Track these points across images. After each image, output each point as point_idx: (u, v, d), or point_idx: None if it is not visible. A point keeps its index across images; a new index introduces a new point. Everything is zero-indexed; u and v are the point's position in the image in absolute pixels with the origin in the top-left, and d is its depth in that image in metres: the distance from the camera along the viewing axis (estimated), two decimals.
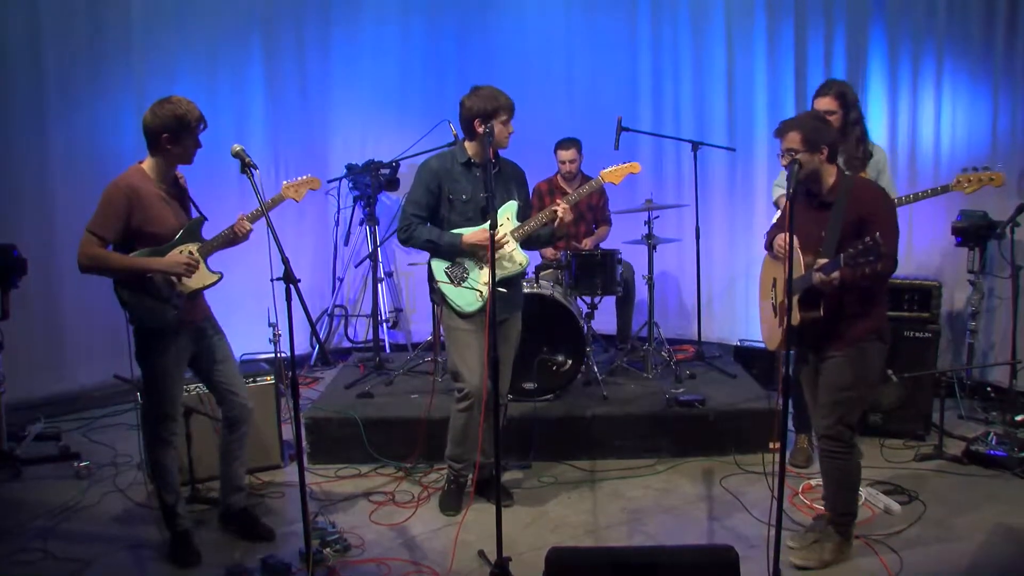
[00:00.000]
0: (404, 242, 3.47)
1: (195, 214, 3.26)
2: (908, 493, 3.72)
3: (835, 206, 2.94)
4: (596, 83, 6.06)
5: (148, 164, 3.10)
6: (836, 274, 2.76)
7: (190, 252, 3.13)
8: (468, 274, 3.46)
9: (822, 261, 2.81)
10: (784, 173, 3.32)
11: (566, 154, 5.25)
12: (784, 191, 4.28)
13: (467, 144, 3.48)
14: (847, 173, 3.16)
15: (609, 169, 3.69)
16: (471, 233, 3.42)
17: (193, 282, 3.14)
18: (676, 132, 5.87)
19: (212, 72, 5.60)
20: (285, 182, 3.45)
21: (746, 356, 5.29)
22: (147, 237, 3.05)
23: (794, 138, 2.92)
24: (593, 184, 3.68)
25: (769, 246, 3.22)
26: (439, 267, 3.49)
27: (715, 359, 5.35)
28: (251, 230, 3.24)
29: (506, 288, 3.49)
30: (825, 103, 3.74)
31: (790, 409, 3.84)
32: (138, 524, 3.59)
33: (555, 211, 3.48)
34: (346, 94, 6.14)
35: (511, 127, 3.41)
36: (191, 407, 3.72)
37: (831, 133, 3.00)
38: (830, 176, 2.99)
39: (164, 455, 3.23)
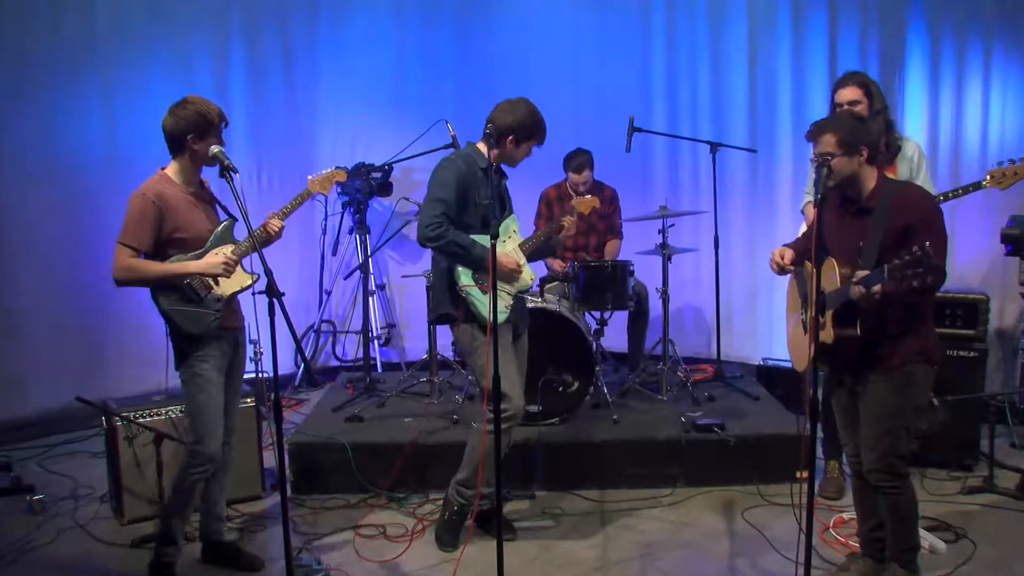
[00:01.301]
0: (430, 240, 3.40)
1: (224, 217, 3.34)
2: (955, 530, 3.65)
3: (876, 213, 2.88)
4: (605, 81, 6.09)
5: (172, 169, 3.19)
6: (878, 288, 2.70)
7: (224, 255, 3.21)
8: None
9: (862, 273, 2.73)
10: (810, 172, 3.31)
11: (579, 177, 5.27)
12: (811, 199, 4.29)
13: (480, 147, 3.54)
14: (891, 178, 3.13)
15: (580, 199, 3.98)
16: (501, 254, 3.47)
17: (230, 285, 3.22)
18: (693, 133, 5.88)
19: (187, 69, 5.62)
20: (310, 177, 3.54)
21: (770, 376, 5.27)
22: (180, 243, 3.14)
23: (829, 141, 2.87)
24: (559, 221, 3.76)
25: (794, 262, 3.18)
26: (466, 274, 3.49)
27: (736, 380, 5.33)
28: (283, 227, 3.34)
29: (516, 304, 3.62)
30: (848, 93, 3.76)
31: (819, 434, 3.80)
32: (99, 565, 3.52)
33: (561, 223, 3.57)
34: (335, 92, 6.16)
35: (530, 152, 3.54)
36: (162, 432, 3.71)
37: (871, 133, 2.95)
38: (870, 180, 2.93)
39: (196, 480, 3.24)
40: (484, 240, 3.43)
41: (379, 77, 6.18)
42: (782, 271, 3.16)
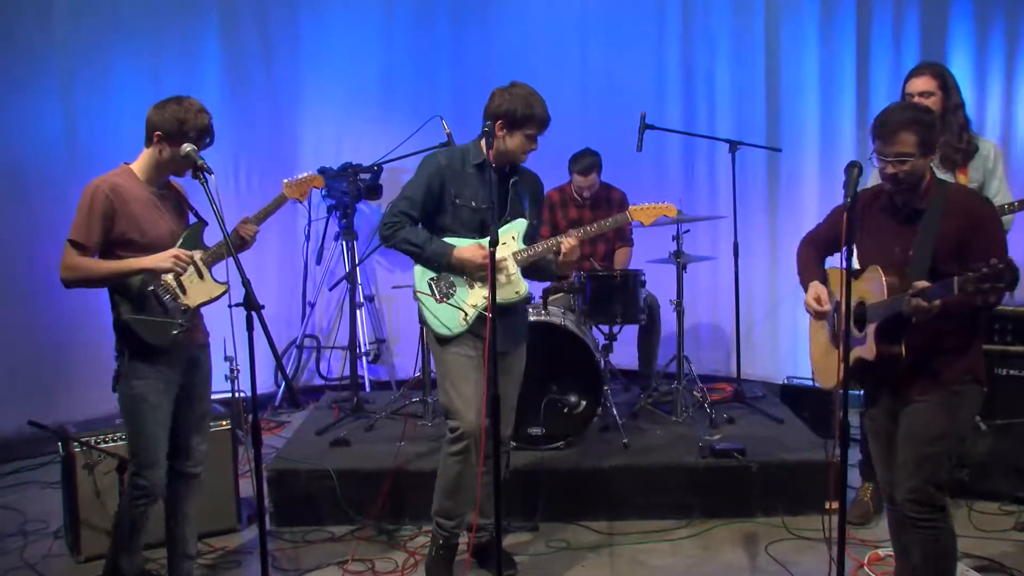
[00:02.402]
0: (384, 239, 3.45)
1: (195, 220, 3.31)
2: (1010, 571, 3.61)
3: (926, 216, 2.80)
4: (615, 74, 6.11)
5: (138, 163, 3.17)
6: (938, 303, 2.62)
7: (192, 259, 3.17)
8: (454, 291, 3.44)
9: (922, 284, 2.65)
10: (873, 174, 3.21)
11: (584, 180, 5.26)
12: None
13: (483, 143, 3.46)
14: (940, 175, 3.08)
15: (640, 207, 3.68)
16: (465, 247, 3.40)
17: (198, 294, 3.19)
18: (710, 130, 5.89)
19: (156, 56, 5.62)
20: (285, 181, 3.51)
21: (795, 396, 5.25)
22: (135, 247, 3.09)
23: (908, 140, 2.74)
24: (618, 219, 3.65)
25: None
26: (422, 276, 3.46)
27: (758, 400, 5.32)
28: (257, 232, 3.33)
29: (500, 317, 3.43)
30: (922, 83, 3.72)
31: (850, 461, 3.78)
32: None
33: (560, 242, 3.46)
34: (318, 86, 6.18)
35: (535, 143, 3.42)
36: (126, 458, 3.67)
37: (939, 127, 2.89)
38: (927, 181, 2.85)
39: (140, 512, 3.20)
40: (456, 243, 3.42)
41: (367, 70, 6.20)
42: (820, 316, 3.07)
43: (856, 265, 2.97)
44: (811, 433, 4.68)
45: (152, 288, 3.10)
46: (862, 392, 3.10)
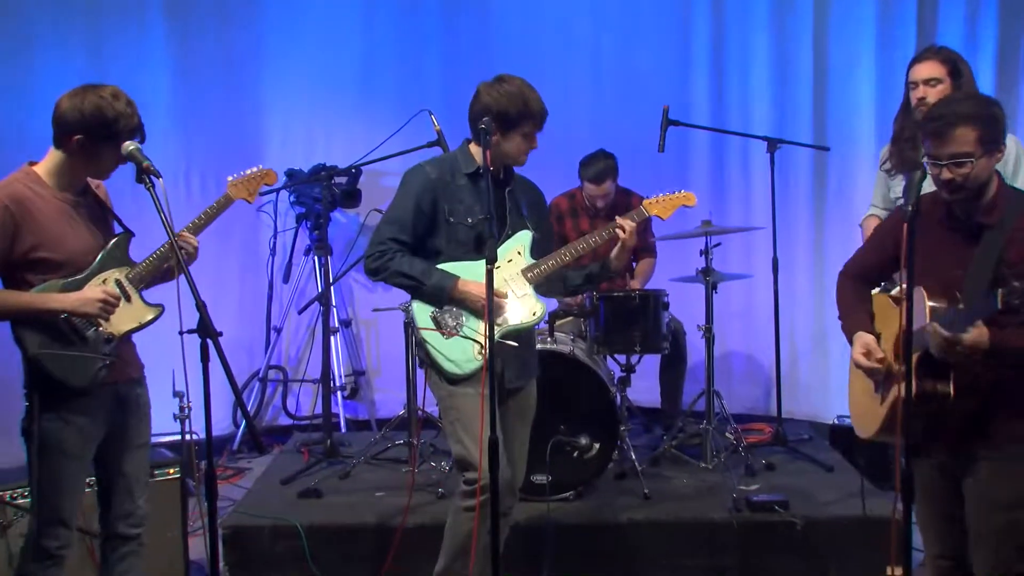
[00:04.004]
0: (373, 273, 3.43)
1: (119, 230, 3.23)
2: None
3: (995, 232, 2.71)
4: (633, 62, 6.14)
5: (46, 165, 3.06)
6: (978, 335, 2.54)
7: (116, 280, 3.10)
8: (463, 321, 3.43)
9: (932, 305, 2.61)
10: (898, 183, 3.21)
11: (597, 189, 5.27)
12: (877, 213, 4.26)
13: (473, 149, 3.46)
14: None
15: (655, 199, 3.68)
16: (472, 282, 3.38)
17: (125, 319, 3.11)
18: (744, 127, 5.90)
19: (95, 41, 5.62)
20: (230, 178, 3.47)
21: (848, 439, 5.20)
22: (48, 266, 3.00)
23: (967, 138, 2.63)
24: (634, 215, 3.64)
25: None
26: (422, 311, 3.45)
27: (802, 443, 5.30)
28: (197, 246, 3.24)
29: (515, 342, 3.45)
30: (928, 69, 3.70)
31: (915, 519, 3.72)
32: None
33: (619, 228, 3.46)
34: (286, 74, 6.19)
35: (535, 142, 3.42)
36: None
37: (1004, 120, 2.76)
38: (991, 186, 2.75)
39: None
40: (458, 268, 3.40)
41: (343, 56, 6.22)
42: (875, 375, 2.99)
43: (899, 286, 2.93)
44: (868, 483, 4.63)
45: (65, 315, 2.98)
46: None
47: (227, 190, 3.46)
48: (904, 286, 2.61)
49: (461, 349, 3.41)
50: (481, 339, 3.39)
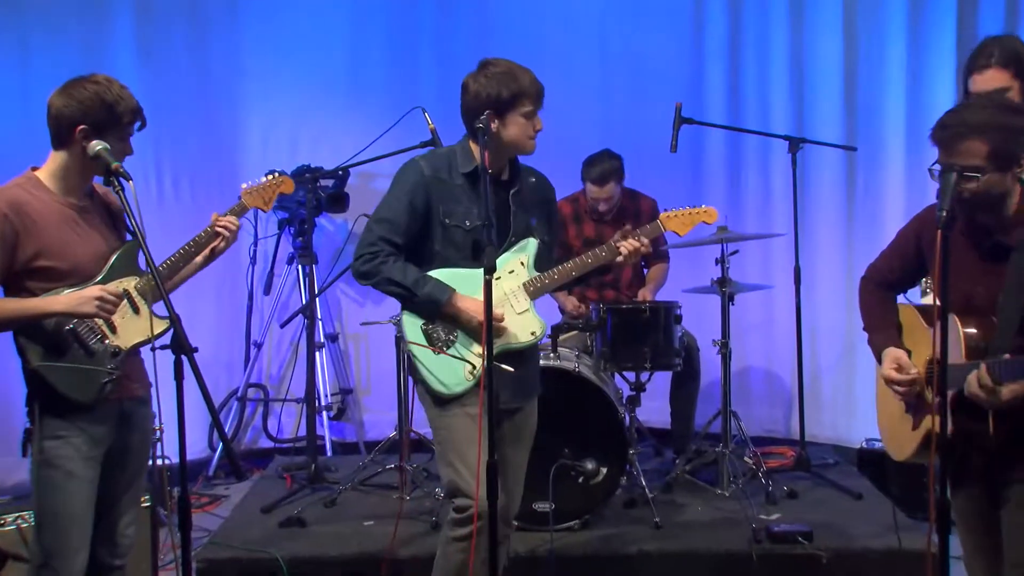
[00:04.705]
0: (362, 276, 3.40)
1: (130, 238, 3.25)
2: None
3: (1017, 258, 2.68)
4: (643, 56, 6.16)
5: (49, 169, 3.11)
6: (1018, 390, 2.53)
7: (124, 291, 3.12)
8: (455, 337, 3.41)
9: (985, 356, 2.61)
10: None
11: (599, 191, 5.27)
12: None
13: (473, 147, 3.44)
14: None
15: (673, 213, 3.64)
16: (468, 298, 3.36)
17: (132, 332, 3.13)
18: (763, 125, 5.90)
19: (51, 30, 5.62)
20: (244, 186, 3.52)
21: (878, 465, 5.21)
22: (53, 275, 3.03)
23: (977, 150, 2.62)
24: (645, 231, 3.63)
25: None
26: (413, 324, 3.44)
27: (828, 469, 5.30)
28: (236, 229, 3.34)
29: (513, 366, 3.41)
30: (990, 79, 3.62)
31: (953, 552, 3.70)
32: None
33: (618, 249, 3.43)
34: (267, 67, 6.20)
35: (539, 122, 3.39)
36: (6, 551, 3.64)
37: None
38: (1014, 201, 2.72)
39: None
40: (454, 277, 3.38)
41: (330, 48, 6.23)
42: (907, 395, 2.98)
43: (926, 300, 2.92)
44: (900, 513, 4.62)
45: (71, 327, 3.03)
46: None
47: (241, 198, 3.51)
48: (936, 302, 2.60)
49: (451, 368, 3.39)
50: (473, 359, 3.37)
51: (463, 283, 3.36)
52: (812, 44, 5.95)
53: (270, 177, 3.56)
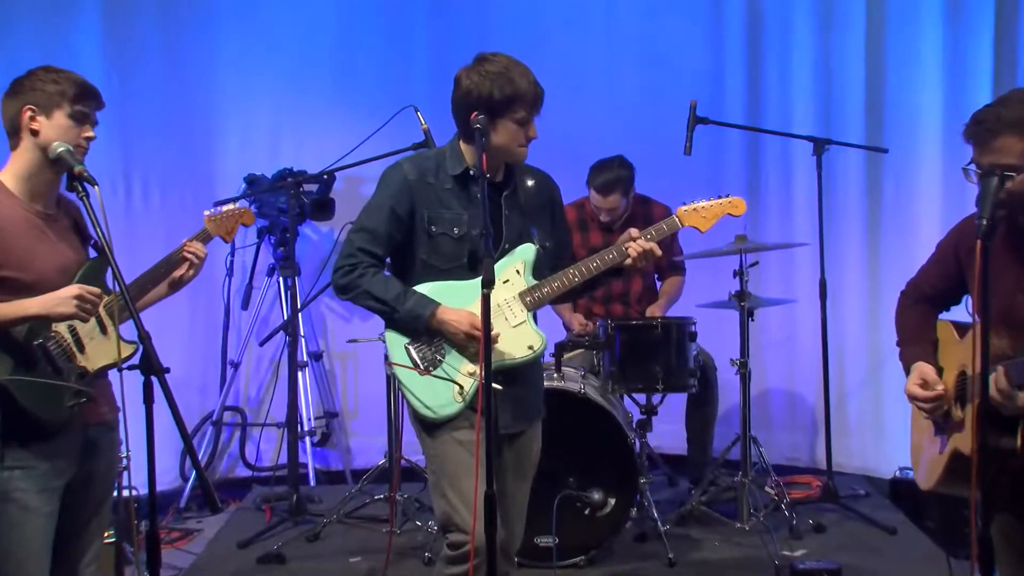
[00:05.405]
0: (341, 291, 3.41)
1: (96, 254, 3.24)
2: None
3: None
4: (654, 50, 6.17)
5: (11, 170, 3.11)
6: None
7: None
8: (443, 356, 3.40)
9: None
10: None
11: (604, 201, 5.28)
12: None
13: (464, 147, 3.45)
14: None
15: (693, 206, 3.61)
16: (452, 311, 3.34)
17: (99, 354, 3.13)
18: (785, 125, 5.91)
19: (14, 30, 5.63)
20: (207, 213, 3.55)
21: (913, 496, 5.20)
22: (14, 286, 3.00)
23: (1011, 147, 2.69)
24: (661, 228, 3.62)
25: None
26: (396, 342, 3.43)
27: (857, 500, 5.30)
28: (203, 257, 3.40)
29: (503, 384, 3.38)
30: None
31: None
32: None
33: (589, 267, 3.42)
34: (245, 61, 6.21)
35: (533, 129, 3.36)
36: None
37: None
38: None
39: None
40: (442, 289, 3.37)
41: (314, 41, 6.24)
42: (931, 412, 3.01)
43: (962, 315, 2.93)
44: (936, 548, 4.63)
45: (39, 341, 3.01)
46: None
47: (205, 225, 3.56)
48: (975, 317, 2.61)
49: (438, 390, 3.37)
50: (462, 380, 3.35)
51: (452, 297, 3.34)
52: (837, 37, 5.96)
53: (231, 206, 3.62)
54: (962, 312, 3.24)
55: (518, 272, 3.45)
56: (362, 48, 6.26)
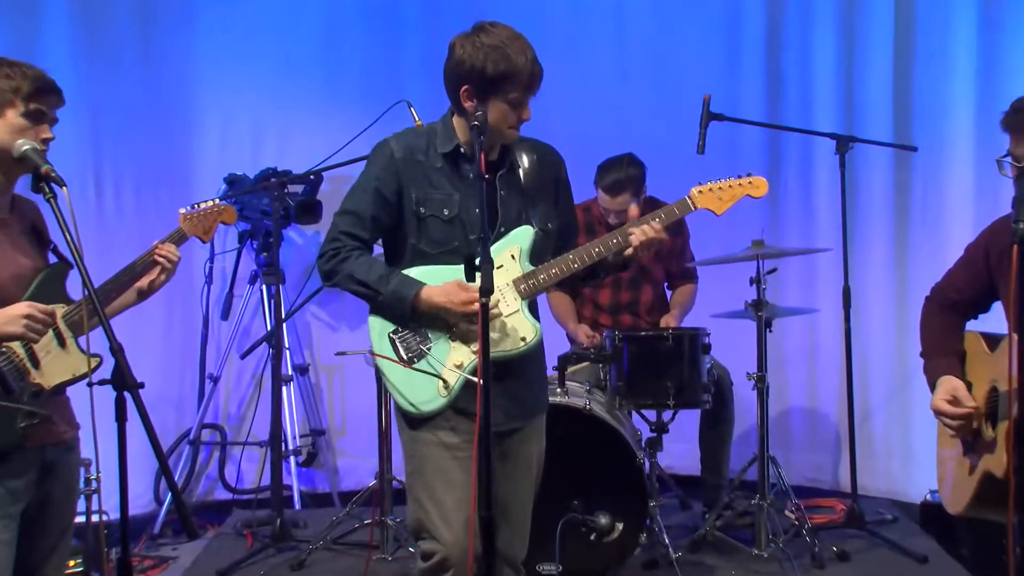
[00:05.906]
0: (326, 277, 3.41)
1: (56, 260, 3.24)
2: None
3: None
4: (666, 41, 6.19)
5: None
6: None
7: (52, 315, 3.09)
8: (429, 347, 3.37)
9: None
10: None
11: (611, 201, 5.28)
12: None
13: (456, 122, 3.41)
14: None
15: (707, 186, 3.60)
16: (436, 288, 3.30)
17: (57, 370, 3.10)
18: (806, 121, 5.93)
19: None
20: (182, 211, 3.52)
21: (944, 522, 5.17)
22: None
23: None
24: (672, 210, 3.59)
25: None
26: (381, 330, 3.40)
27: (884, 526, 5.30)
28: (176, 260, 3.36)
29: (494, 379, 3.30)
30: None
31: None
32: None
33: (628, 236, 3.38)
34: (226, 56, 6.22)
35: (526, 111, 3.33)
36: None
37: None
38: None
39: None
40: (426, 274, 3.33)
41: (300, 34, 6.25)
42: (960, 429, 3.03)
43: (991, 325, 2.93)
44: None
45: None
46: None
47: (180, 224, 3.52)
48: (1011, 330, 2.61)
49: (421, 384, 3.35)
50: (446, 374, 3.32)
51: (438, 281, 3.30)
52: (862, 28, 5.98)
53: (208, 203, 3.58)
54: (991, 321, 3.24)
55: (513, 257, 3.40)
56: (351, 39, 6.28)
